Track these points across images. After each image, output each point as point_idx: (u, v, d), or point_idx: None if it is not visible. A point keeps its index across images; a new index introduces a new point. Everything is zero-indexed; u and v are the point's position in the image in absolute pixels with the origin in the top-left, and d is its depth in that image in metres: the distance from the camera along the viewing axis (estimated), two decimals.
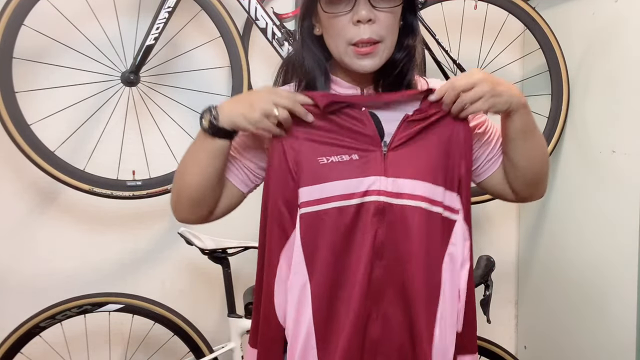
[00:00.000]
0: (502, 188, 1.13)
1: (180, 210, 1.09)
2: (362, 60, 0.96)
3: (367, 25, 0.94)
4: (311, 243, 0.96)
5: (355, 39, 0.94)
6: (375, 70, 0.99)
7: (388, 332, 0.96)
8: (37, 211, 1.80)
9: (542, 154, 1.07)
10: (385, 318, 0.96)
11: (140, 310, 1.69)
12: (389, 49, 0.98)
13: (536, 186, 1.12)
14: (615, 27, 1.78)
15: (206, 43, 1.89)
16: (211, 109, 0.99)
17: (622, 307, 1.71)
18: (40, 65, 1.75)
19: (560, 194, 2.02)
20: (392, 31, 0.97)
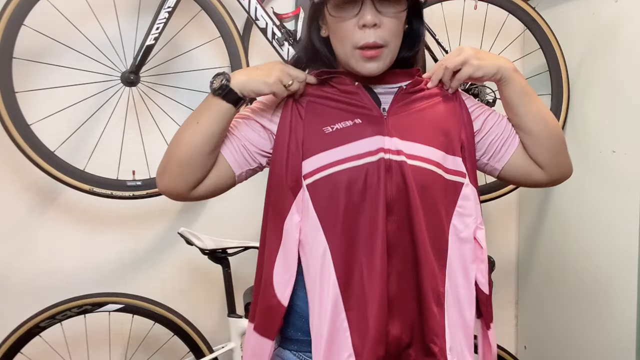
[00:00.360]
0: (528, 167, 1.12)
1: (165, 174, 1.04)
2: (368, 63, 0.99)
3: (372, 30, 0.97)
4: (325, 208, 0.99)
5: (360, 42, 0.98)
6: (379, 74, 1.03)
7: (402, 289, 0.99)
8: (37, 211, 1.80)
9: (551, 116, 1.09)
10: (398, 274, 0.98)
11: (140, 310, 1.69)
12: (393, 53, 1.01)
13: (559, 154, 1.11)
14: (615, 27, 1.78)
15: (206, 43, 1.89)
16: (224, 73, 1.02)
17: (622, 307, 1.71)
18: (40, 65, 1.75)
19: (560, 193, 2.02)
20: (396, 35, 1.00)
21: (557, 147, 1.10)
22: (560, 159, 1.12)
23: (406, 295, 0.99)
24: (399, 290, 0.98)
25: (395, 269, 0.98)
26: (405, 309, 0.99)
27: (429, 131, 1.02)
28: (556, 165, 1.11)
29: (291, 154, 1.02)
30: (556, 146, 1.10)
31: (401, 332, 0.99)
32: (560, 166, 1.12)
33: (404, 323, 0.99)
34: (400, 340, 0.99)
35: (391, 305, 0.98)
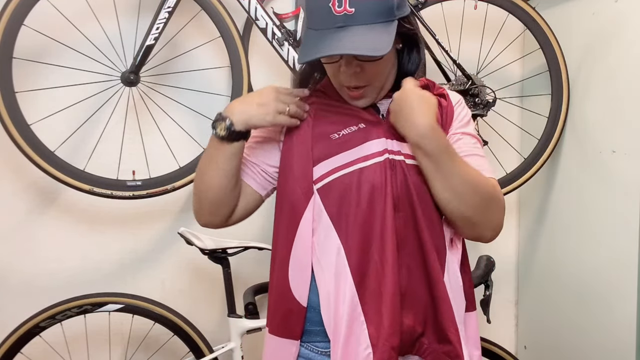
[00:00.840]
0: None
1: (202, 214, 1.14)
2: (353, 100, 1.07)
3: (354, 75, 1.02)
4: (337, 209, 1.03)
5: (344, 83, 1.04)
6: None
7: (412, 282, 1.03)
8: (37, 211, 1.80)
9: (452, 199, 1.01)
10: (408, 268, 1.03)
11: (140, 310, 1.69)
12: (380, 86, 1.06)
13: (469, 227, 1.05)
14: (615, 27, 1.78)
15: (206, 43, 1.89)
16: (224, 117, 1.04)
17: (622, 307, 1.71)
18: (40, 65, 1.75)
19: (560, 193, 2.03)
20: (380, 73, 1.04)
21: (460, 225, 1.05)
22: (471, 226, 1.05)
23: (417, 287, 1.03)
24: (409, 282, 1.02)
25: (404, 262, 1.02)
26: (417, 300, 1.03)
27: None
28: (463, 233, 1.08)
29: (302, 160, 1.06)
30: (460, 224, 1.05)
31: (414, 322, 1.03)
32: (469, 235, 1.08)
33: (417, 313, 1.03)
34: (414, 330, 1.03)
35: (403, 297, 1.02)
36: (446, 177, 1.00)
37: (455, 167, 1.00)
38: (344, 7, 0.95)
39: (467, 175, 1.01)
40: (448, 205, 1.02)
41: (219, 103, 1.89)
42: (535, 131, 2.05)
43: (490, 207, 1.03)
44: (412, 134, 0.99)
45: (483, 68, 2.02)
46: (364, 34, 0.95)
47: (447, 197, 1.01)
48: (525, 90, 2.22)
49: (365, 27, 0.96)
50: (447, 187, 1.00)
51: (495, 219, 1.05)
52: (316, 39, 0.98)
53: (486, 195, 1.02)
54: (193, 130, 1.89)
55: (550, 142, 1.99)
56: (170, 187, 1.71)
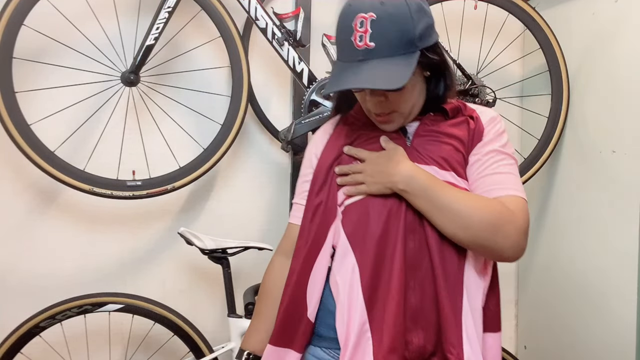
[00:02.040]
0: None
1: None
2: (382, 125, 1.11)
3: (379, 103, 1.06)
4: (353, 229, 1.07)
5: (371, 110, 1.09)
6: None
7: (424, 302, 1.04)
8: (37, 211, 1.80)
9: (458, 230, 1.01)
10: (421, 289, 1.04)
11: (140, 310, 1.69)
12: (407, 112, 1.09)
13: (485, 252, 1.04)
14: (615, 27, 1.78)
15: (206, 43, 1.89)
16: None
17: (622, 307, 1.71)
18: (40, 65, 1.75)
19: (560, 193, 2.03)
20: (405, 101, 1.07)
21: (474, 248, 1.04)
22: (486, 251, 1.04)
23: (428, 308, 1.04)
24: (421, 303, 1.03)
25: (417, 283, 1.04)
26: (428, 321, 1.04)
27: (447, 156, 1.07)
28: (486, 256, 1.07)
29: (333, 183, 1.12)
30: (473, 247, 1.04)
31: (425, 342, 1.04)
32: (491, 257, 1.07)
33: (428, 333, 1.04)
34: (424, 349, 1.04)
35: (415, 317, 1.03)
36: (443, 212, 1.01)
37: (447, 199, 1.01)
38: (365, 41, 0.99)
39: (463, 205, 1.01)
40: (455, 237, 1.02)
41: (219, 103, 1.90)
42: (535, 131, 2.05)
43: (499, 230, 1.00)
44: (398, 183, 1.03)
45: (483, 68, 2.02)
46: (383, 67, 0.98)
47: (451, 229, 1.01)
48: (525, 90, 2.22)
49: (385, 60, 0.98)
50: (447, 221, 1.01)
51: (510, 240, 1.01)
52: (340, 71, 1.03)
53: (491, 219, 1.00)
54: (193, 130, 1.89)
55: (550, 142, 1.99)
56: (170, 187, 1.71)
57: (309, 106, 1.80)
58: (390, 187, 1.04)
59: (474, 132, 1.09)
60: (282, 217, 2.02)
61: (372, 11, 0.98)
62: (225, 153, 1.77)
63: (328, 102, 1.79)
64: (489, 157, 1.08)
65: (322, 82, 1.79)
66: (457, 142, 1.08)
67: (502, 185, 1.05)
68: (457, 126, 1.10)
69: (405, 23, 0.99)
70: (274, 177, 2.01)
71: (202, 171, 1.75)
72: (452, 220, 1.00)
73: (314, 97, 1.79)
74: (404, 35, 0.99)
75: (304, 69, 1.79)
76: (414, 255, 1.04)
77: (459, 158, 1.08)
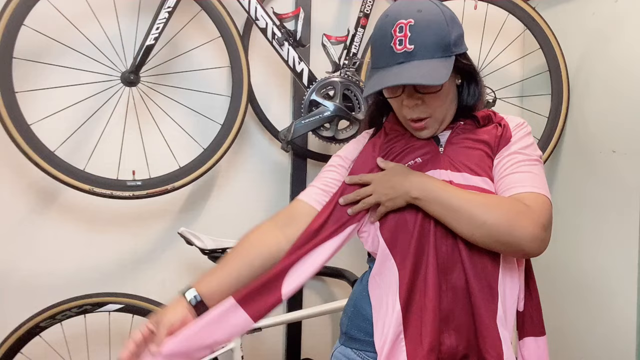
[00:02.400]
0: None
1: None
2: (418, 132, 1.13)
3: (415, 108, 1.09)
4: (391, 235, 1.10)
5: (407, 116, 1.11)
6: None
7: (457, 305, 1.06)
8: (37, 211, 1.80)
9: (474, 229, 1.03)
10: (454, 291, 1.06)
11: (140, 310, 1.69)
12: (442, 118, 1.12)
13: (506, 248, 1.05)
14: (615, 27, 1.78)
15: (206, 43, 1.89)
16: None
17: (622, 307, 1.71)
18: (40, 65, 1.75)
19: (560, 193, 2.03)
20: (440, 105, 1.10)
21: (499, 248, 1.05)
22: (506, 247, 1.04)
23: (461, 310, 1.06)
24: (454, 305, 1.06)
25: (450, 286, 1.06)
26: (461, 323, 1.06)
27: (478, 162, 1.10)
28: (509, 254, 1.07)
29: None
30: (498, 247, 1.05)
31: (457, 343, 1.06)
32: (514, 253, 1.06)
33: (460, 335, 1.06)
34: (456, 350, 1.06)
35: (447, 319, 1.06)
36: (456, 214, 1.03)
37: (459, 201, 1.03)
38: (404, 45, 1.03)
39: (475, 205, 1.03)
40: (472, 237, 1.03)
41: (219, 103, 1.90)
42: (535, 131, 2.04)
43: (514, 224, 1.01)
44: (411, 192, 1.06)
45: (483, 68, 2.02)
46: (422, 67, 1.02)
47: (467, 230, 1.03)
48: (525, 90, 2.23)
49: (424, 62, 1.03)
50: (462, 223, 1.03)
51: (527, 232, 1.01)
52: (378, 75, 1.06)
53: (505, 214, 1.02)
54: (193, 130, 1.89)
55: (550, 142, 1.99)
56: (170, 187, 1.71)
57: (309, 106, 1.80)
58: (404, 198, 1.07)
59: (501, 137, 1.13)
60: None
61: (410, 18, 1.03)
62: (225, 153, 1.77)
63: (328, 102, 1.79)
64: (511, 157, 1.10)
65: (322, 82, 1.79)
66: (486, 147, 1.12)
67: (521, 183, 1.06)
68: (488, 133, 1.14)
69: (442, 29, 1.04)
70: (274, 177, 2.01)
71: (202, 171, 1.75)
72: (467, 222, 1.02)
73: (314, 97, 1.79)
74: (440, 39, 1.04)
75: (304, 69, 1.79)
76: (446, 258, 1.06)
77: (490, 163, 1.11)
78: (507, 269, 1.08)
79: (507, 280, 1.08)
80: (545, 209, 1.04)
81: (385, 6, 2.02)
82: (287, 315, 1.81)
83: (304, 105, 1.80)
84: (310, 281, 2.07)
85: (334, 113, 1.78)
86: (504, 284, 1.07)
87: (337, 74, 1.81)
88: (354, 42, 1.84)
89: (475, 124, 1.15)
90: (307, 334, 2.04)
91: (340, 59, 1.82)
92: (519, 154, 1.10)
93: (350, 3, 2.05)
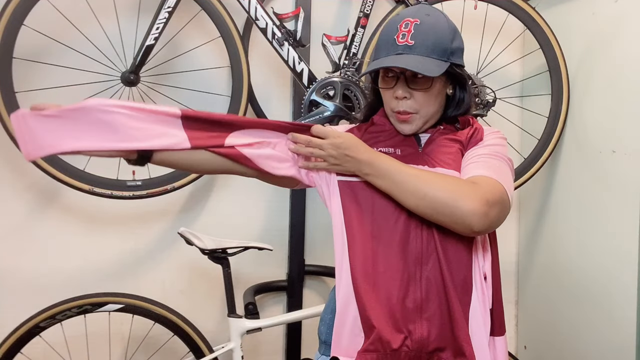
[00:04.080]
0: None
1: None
2: (401, 124, 1.17)
3: (404, 101, 1.14)
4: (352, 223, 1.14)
5: (395, 109, 1.16)
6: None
7: (431, 294, 1.09)
8: (37, 211, 1.80)
9: (418, 200, 1.07)
10: (427, 281, 1.10)
11: (140, 310, 1.69)
12: (426, 117, 1.17)
13: (447, 223, 1.08)
14: (615, 27, 1.78)
15: (206, 43, 1.89)
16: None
17: (622, 307, 1.71)
18: (40, 65, 1.75)
19: (560, 193, 2.03)
20: (427, 104, 1.15)
21: (443, 220, 1.07)
22: (450, 219, 1.07)
23: (435, 301, 1.09)
24: (427, 295, 1.09)
25: (424, 276, 1.10)
26: (434, 313, 1.09)
27: (454, 158, 1.16)
28: (455, 228, 1.08)
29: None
30: (442, 219, 1.07)
31: (428, 333, 1.09)
32: (459, 227, 1.07)
33: (432, 325, 1.09)
34: (427, 341, 1.09)
35: (419, 309, 1.09)
36: (402, 187, 1.07)
37: (406, 176, 1.08)
38: (406, 39, 1.11)
39: (422, 179, 1.07)
40: (417, 208, 1.07)
41: (219, 103, 1.89)
42: (535, 131, 2.05)
43: (458, 196, 1.05)
44: (363, 167, 1.10)
45: (483, 68, 2.02)
46: (419, 60, 1.10)
47: (413, 201, 1.07)
48: (525, 90, 2.22)
49: (421, 57, 1.10)
50: (408, 195, 1.07)
51: (470, 205, 1.04)
52: (377, 61, 1.13)
53: (449, 186, 1.06)
54: None
55: (550, 142, 1.99)
56: (170, 187, 1.71)
57: (308, 106, 1.80)
58: (354, 171, 1.11)
59: (472, 137, 1.19)
60: (282, 217, 2.02)
61: (418, 18, 1.12)
62: None
63: (328, 102, 1.78)
64: (475, 152, 1.16)
65: (322, 82, 1.79)
66: (461, 145, 1.18)
67: (476, 169, 1.11)
68: (463, 134, 1.20)
69: (443, 34, 1.13)
70: None
71: None
72: (412, 193, 1.06)
73: (314, 97, 1.79)
74: (440, 43, 1.12)
75: (304, 69, 1.79)
76: (424, 249, 1.10)
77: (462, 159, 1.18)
78: (480, 266, 1.13)
79: (479, 277, 1.12)
80: (493, 188, 1.08)
81: (385, 6, 2.02)
82: (287, 315, 1.81)
83: (304, 105, 1.80)
84: (310, 281, 2.08)
85: (334, 113, 1.78)
86: (476, 279, 1.11)
87: (337, 74, 1.81)
88: (354, 42, 1.84)
89: (454, 128, 1.20)
90: (307, 334, 2.04)
91: (340, 59, 1.82)
92: (485, 149, 1.16)
93: (350, 3, 2.05)
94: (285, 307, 2.04)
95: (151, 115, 1.06)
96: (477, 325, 1.10)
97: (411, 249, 1.10)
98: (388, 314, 1.08)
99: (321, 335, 1.23)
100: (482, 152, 1.16)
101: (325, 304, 1.25)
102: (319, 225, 2.06)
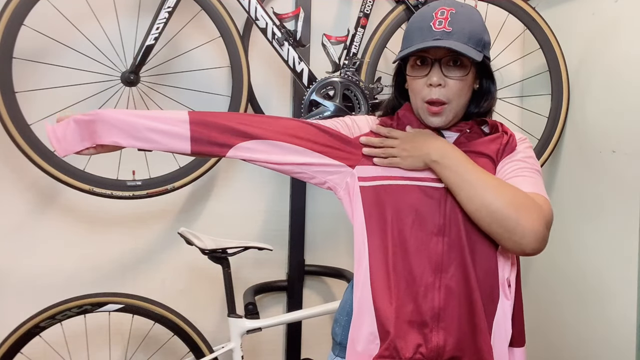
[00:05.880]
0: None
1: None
2: (432, 117, 1.13)
3: (438, 89, 1.10)
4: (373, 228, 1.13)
5: (427, 97, 1.11)
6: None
7: (450, 304, 1.07)
8: (37, 211, 1.80)
9: (482, 206, 1.03)
10: (447, 289, 1.07)
11: (140, 310, 1.69)
12: (456, 110, 1.13)
13: (506, 234, 1.03)
14: (615, 27, 1.78)
15: (206, 43, 1.89)
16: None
17: (622, 307, 1.71)
18: (40, 65, 1.75)
19: (560, 193, 2.03)
20: (459, 95, 1.12)
21: (493, 233, 1.04)
22: (508, 234, 1.02)
23: (454, 309, 1.07)
24: (446, 304, 1.07)
25: (444, 284, 1.07)
26: (454, 324, 1.07)
27: (480, 165, 1.11)
28: (506, 244, 1.05)
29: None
30: (493, 232, 1.04)
31: (445, 343, 1.07)
32: (512, 244, 1.03)
33: (450, 335, 1.07)
34: (443, 350, 1.07)
35: (437, 317, 1.07)
36: (470, 185, 1.04)
37: (476, 175, 1.05)
38: (444, 25, 1.08)
39: (491, 183, 1.04)
40: (478, 212, 1.03)
41: (219, 103, 1.90)
42: (535, 131, 2.05)
43: (523, 211, 1.01)
44: (432, 154, 1.08)
45: None
46: (458, 45, 1.07)
47: (476, 204, 1.03)
48: (525, 90, 2.22)
49: (460, 44, 1.07)
50: (473, 195, 1.04)
51: (532, 224, 1.00)
52: (419, 44, 1.08)
53: (517, 200, 1.02)
54: None
55: (550, 142, 1.99)
56: (170, 187, 1.71)
57: (308, 106, 1.80)
58: (423, 159, 1.09)
59: (506, 145, 1.15)
60: (282, 217, 2.02)
61: (453, 7, 1.10)
62: None
63: (328, 102, 1.79)
64: (515, 163, 1.12)
65: (322, 82, 1.79)
66: (489, 160, 1.14)
67: (525, 184, 1.08)
68: (493, 142, 1.15)
69: (479, 25, 1.11)
70: (274, 177, 2.01)
71: (202, 171, 1.75)
72: (476, 197, 1.03)
73: (314, 97, 1.79)
74: (476, 33, 1.09)
75: (304, 69, 1.79)
76: (444, 257, 1.07)
77: (493, 171, 1.14)
78: (505, 276, 1.10)
79: (505, 283, 1.10)
80: (550, 209, 1.06)
81: (385, 6, 2.02)
82: (287, 315, 1.81)
83: (303, 105, 1.80)
84: (310, 281, 2.08)
85: (334, 113, 1.78)
86: (505, 286, 1.09)
87: (337, 74, 1.81)
88: (354, 42, 1.84)
89: (482, 132, 1.17)
90: (307, 334, 2.04)
91: (340, 59, 1.82)
92: (522, 162, 1.13)
93: (350, 3, 2.05)
94: (285, 307, 2.04)
95: (159, 116, 1.10)
96: (499, 335, 1.09)
97: (431, 256, 1.07)
98: (404, 321, 1.06)
99: (336, 336, 1.22)
100: (522, 165, 1.12)
101: (340, 305, 1.23)
102: (319, 226, 2.06)
